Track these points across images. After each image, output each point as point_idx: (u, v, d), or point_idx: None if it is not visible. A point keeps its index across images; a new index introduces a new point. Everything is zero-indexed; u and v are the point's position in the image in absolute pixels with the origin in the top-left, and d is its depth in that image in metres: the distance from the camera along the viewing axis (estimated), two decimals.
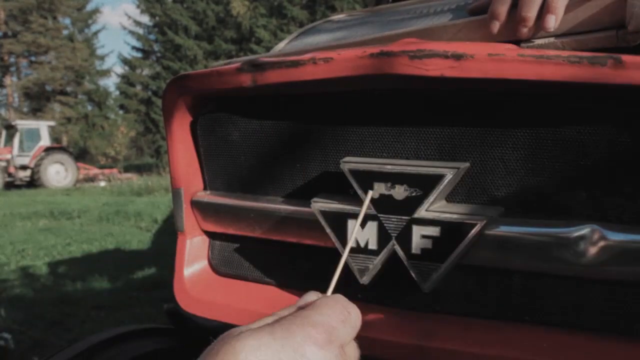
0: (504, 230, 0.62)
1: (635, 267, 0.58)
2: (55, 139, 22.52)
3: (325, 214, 0.69)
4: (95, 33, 30.18)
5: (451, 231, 0.63)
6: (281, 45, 0.99)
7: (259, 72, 0.74)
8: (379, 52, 0.65)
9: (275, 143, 0.77)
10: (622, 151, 0.59)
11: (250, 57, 0.87)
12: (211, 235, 0.86)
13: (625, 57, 0.59)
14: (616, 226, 0.59)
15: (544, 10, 0.70)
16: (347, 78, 0.68)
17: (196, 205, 0.84)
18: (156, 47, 28.41)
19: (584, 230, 0.59)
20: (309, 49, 0.88)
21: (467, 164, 0.65)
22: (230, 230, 0.82)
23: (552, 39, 0.73)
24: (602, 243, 0.59)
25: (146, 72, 28.42)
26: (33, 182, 16.15)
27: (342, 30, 0.98)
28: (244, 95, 0.78)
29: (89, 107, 29.33)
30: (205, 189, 0.85)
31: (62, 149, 17.41)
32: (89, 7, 29.43)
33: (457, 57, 0.63)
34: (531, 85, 0.62)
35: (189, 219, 0.84)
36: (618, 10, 0.68)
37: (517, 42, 0.74)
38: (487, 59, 0.62)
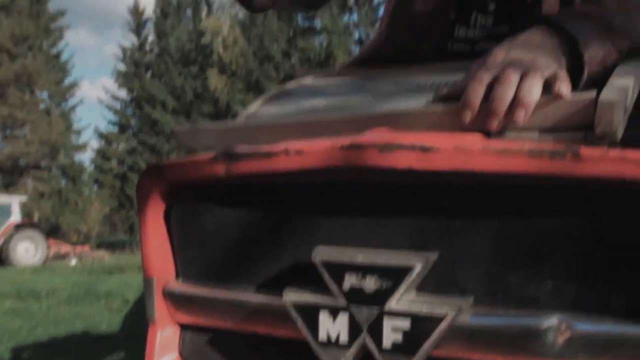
0: (473, 321, 0.63)
1: (602, 357, 0.59)
2: (27, 214, 22.18)
3: (296, 306, 0.69)
4: (73, 107, 30.37)
5: (421, 323, 0.63)
6: (251, 110, 1.00)
7: (232, 163, 0.75)
8: (349, 145, 0.68)
9: (248, 233, 0.78)
10: (585, 242, 0.61)
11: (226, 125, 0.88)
12: (183, 326, 0.85)
13: (584, 151, 0.62)
14: (584, 317, 0.60)
15: (514, 104, 0.71)
16: (318, 170, 0.70)
17: (168, 295, 0.83)
18: (133, 122, 28.65)
19: (552, 321, 0.60)
20: (278, 123, 0.87)
21: (436, 255, 0.66)
22: (202, 322, 0.81)
23: (522, 134, 0.74)
24: (569, 334, 0.60)
25: (122, 146, 28.51)
26: (0, 260, 15.76)
27: (313, 97, 0.99)
28: (218, 184, 0.80)
29: (63, 182, 29.11)
30: (177, 278, 0.84)
31: (33, 225, 17.14)
32: (68, 81, 29.68)
33: (425, 149, 0.65)
34: (496, 177, 0.64)
35: (160, 309, 0.83)
36: (587, 112, 0.69)
37: (489, 133, 0.76)
38: (453, 152, 0.64)
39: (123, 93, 28.50)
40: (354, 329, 0.66)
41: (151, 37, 29.26)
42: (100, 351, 4.70)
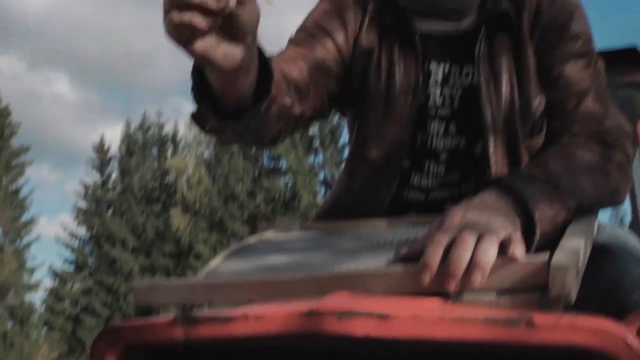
0: None
1: None
2: None
3: None
4: (28, 245, 29.64)
5: None
6: (212, 266, 1.00)
7: (191, 327, 0.75)
8: (308, 312, 0.68)
9: None
10: None
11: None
12: None
13: (537, 318, 0.63)
14: None
15: (471, 267, 0.72)
16: (278, 335, 0.69)
17: None
18: (90, 260, 28.01)
19: None
20: (238, 282, 0.87)
21: None
22: None
23: (480, 295, 0.75)
24: None
25: (77, 286, 27.63)
26: None
27: (275, 253, 1.00)
28: (176, 347, 0.78)
29: (10, 325, 27.67)
30: None
31: None
32: (25, 217, 29.23)
33: (382, 317, 0.66)
34: (453, 344, 0.65)
35: None
36: (541, 275, 0.72)
37: (449, 295, 0.77)
38: (410, 320, 0.66)
39: (82, 230, 28.18)
40: None
41: (115, 175, 29.53)
42: None
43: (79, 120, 47.66)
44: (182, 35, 0.67)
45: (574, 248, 0.76)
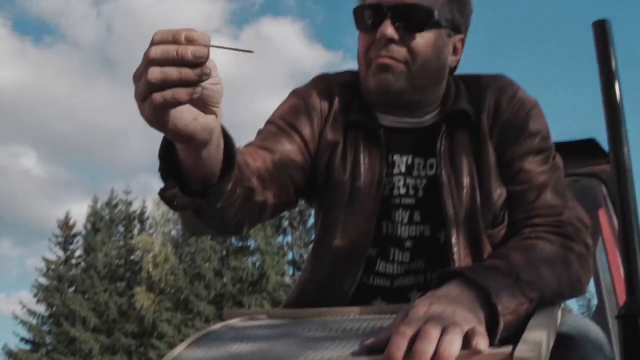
0: None
1: None
2: None
3: None
4: None
5: None
6: (175, 353, 0.97)
7: None
8: None
9: None
10: None
11: None
12: None
13: None
14: None
15: (435, 359, 0.73)
16: None
17: None
18: (48, 339, 26.91)
19: None
20: None
21: None
22: None
23: None
24: None
25: None
26: None
27: (240, 342, 0.98)
28: None
29: None
30: None
31: None
32: None
33: None
34: None
35: None
36: None
37: None
38: None
39: (42, 308, 27.23)
40: None
41: (79, 252, 28.91)
42: None
43: (45, 195, 47.01)
44: (164, 115, 0.71)
45: (537, 340, 0.77)
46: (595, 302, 3.23)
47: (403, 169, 1.17)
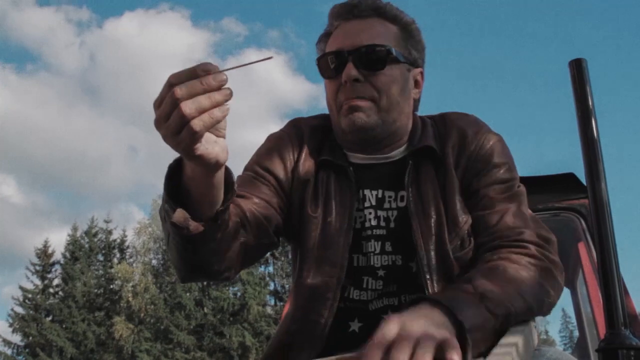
0: None
1: None
2: None
3: None
4: None
5: None
6: None
7: None
8: None
9: None
10: None
11: None
12: None
13: None
14: None
15: None
16: None
17: None
18: None
19: None
20: None
21: None
22: None
23: None
24: None
25: None
26: None
27: None
28: None
29: None
30: None
31: None
32: None
33: None
34: None
35: None
36: None
37: None
38: None
39: (17, 338, 26.63)
40: None
41: (57, 280, 28.44)
42: None
43: (24, 223, 46.46)
44: (197, 141, 0.83)
45: (504, 352, 0.78)
46: (577, 333, 3.24)
47: (373, 202, 1.24)
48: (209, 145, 0.85)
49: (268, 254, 26.81)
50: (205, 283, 27.14)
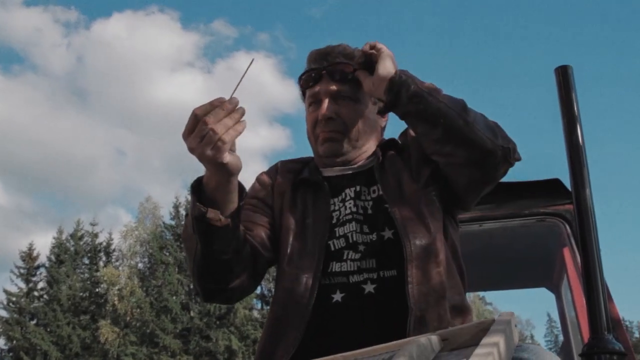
0: None
1: None
2: None
3: None
4: None
5: None
6: None
7: None
8: None
9: None
10: None
11: None
12: None
13: None
14: None
15: None
16: None
17: None
18: None
19: None
20: None
21: None
22: None
23: None
24: None
25: None
26: None
27: None
28: None
29: None
30: None
31: None
32: None
33: None
34: None
35: None
36: None
37: None
38: None
39: (1, 342, 26.36)
40: None
41: (42, 284, 28.18)
42: None
43: (9, 226, 46.04)
44: (224, 151, 1.12)
45: (491, 348, 0.80)
46: (562, 338, 3.26)
47: (352, 195, 1.45)
48: (230, 154, 1.14)
49: None
50: (191, 286, 27.01)
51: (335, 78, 1.47)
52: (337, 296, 1.33)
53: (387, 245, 1.36)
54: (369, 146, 1.51)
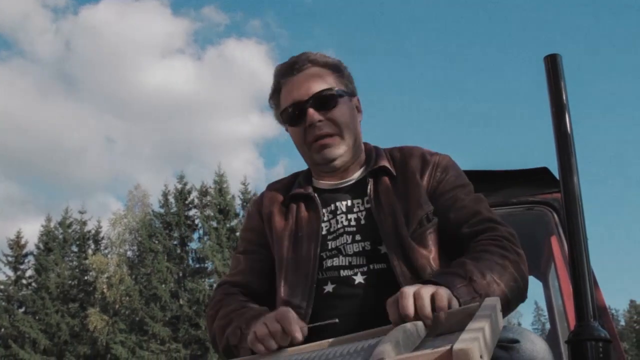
0: None
1: None
2: None
3: None
4: None
5: None
6: None
7: None
8: None
9: None
10: None
11: None
12: None
13: None
14: None
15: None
16: None
17: None
18: None
19: None
20: None
21: None
22: None
23: None
24: None
25: None
26: None
27: None
28: None
29: None
30: None
31: None
32: None
33: None
34: None
35: None
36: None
37: None
38: None
39: None
40: None
41: (30, 272, 28.05)
42: None
43: None
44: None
45: (474, 336, 0.80)
46: (549, 326, 3.29)
47: (344, 209, 1.51)
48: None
49: None
50: (181, 275, 27.03)
51: (319, 108, 1.49)
52: (329, 287, 1.43)
53: (377, 251, 1.45)
54: (358, 144, 1.57)
